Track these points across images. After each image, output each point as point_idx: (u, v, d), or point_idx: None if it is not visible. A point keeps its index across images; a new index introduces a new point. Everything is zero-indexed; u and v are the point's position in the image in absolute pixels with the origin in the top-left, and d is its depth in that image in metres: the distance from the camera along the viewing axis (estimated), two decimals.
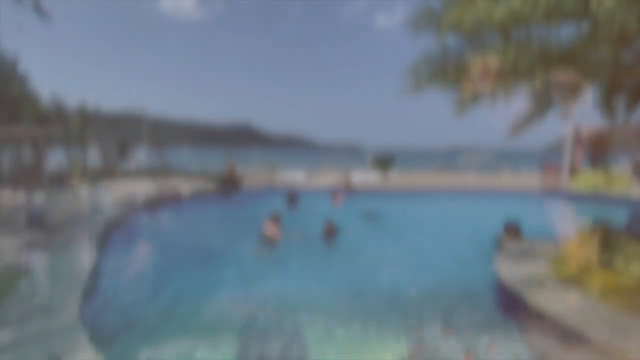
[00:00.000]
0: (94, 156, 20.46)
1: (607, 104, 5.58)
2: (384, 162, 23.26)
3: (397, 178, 19.86)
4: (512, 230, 6.74)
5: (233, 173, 18.43)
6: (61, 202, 9.84)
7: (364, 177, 19.08)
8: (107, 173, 16.06)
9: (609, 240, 4.17)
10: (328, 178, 19.14)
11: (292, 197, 11.47)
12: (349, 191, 14.29)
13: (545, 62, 3.68)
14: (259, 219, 9.62)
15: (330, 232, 6.96)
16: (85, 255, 5.01)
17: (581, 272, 4.32)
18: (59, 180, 14.46)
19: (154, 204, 10.39)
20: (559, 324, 3.36)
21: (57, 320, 3.20)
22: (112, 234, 7.27)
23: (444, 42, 3.81)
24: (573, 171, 16.32)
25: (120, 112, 16.04)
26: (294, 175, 19.10)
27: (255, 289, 4.97)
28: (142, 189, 12.76)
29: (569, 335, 3.27)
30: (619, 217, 5.95)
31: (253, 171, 28.37)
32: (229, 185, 14.27)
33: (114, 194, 11.54)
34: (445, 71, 3.90)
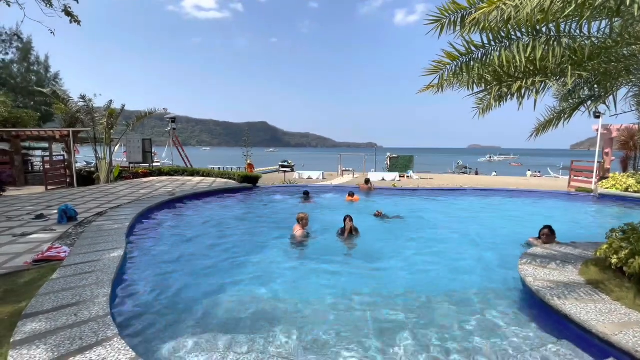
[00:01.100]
0: (119, 154, 21.29)
1: None
2: (403, 162, 23.07)
3: (416, 179, 19.60)
4: (546, 233, 6.41)
5: (252, 171, 18.73)
6: (90, 198, 10.29)
7: (382, 177, 18.95)
8: (131, 170, 16.65)
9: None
10: (344, 178, 19.14)
11: (307, 194, 12.51)
12: (368, 191, 14.20)
13: (576, 59, 3.52)
14: (278, 215, 9.80)
15: (350, 231, 6.93)
16: (114, 249, 5.21)
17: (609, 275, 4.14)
18: (87, 177, 15.13)
19: (177, 200, 10.69)
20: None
21: (88, 311, 3.34)
22: (137, 228, 7.56)
23: (468, 38, 3.70)
24: (603, 172, 15.55)
25: (144, 112, 16.45)
26: (311, 174, 19.19)
27: (272, 284, 5.04)
28: (166, 185, 13.16)
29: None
30: None
31: (272, 169, 28.76)
32: (248, 182, 14.48)
33: (140, 190, 11.96)
34: (469, 69, 3.80)
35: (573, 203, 12.79)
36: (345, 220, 7.04)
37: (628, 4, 2.40)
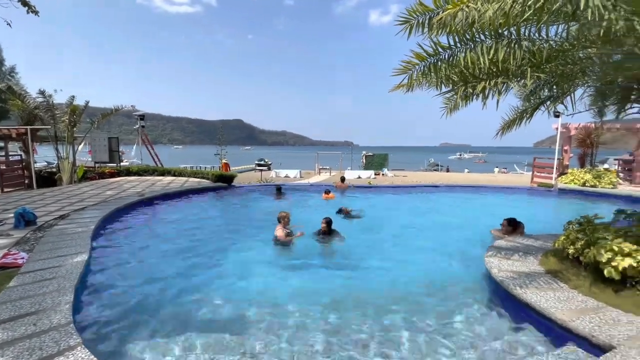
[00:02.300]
0: (84, 153, 20.16)
1: (597, 103, 5.68)
2: (378, 160, 23.48)
3: (391, 176, 20.00)
4: (509, 225, 6.87)
5: (227, 170, 18.38)
6: (51, 200, 9.68)
7: (358, 174, 19.20)
8: (97, 170, 15.84)
9: (592, 234, 4.27)
10: (321, 176, 19.23)
11: (279, 189, 13.09)
12: (343, 189, 14.32)
13: (535, 62, 3.72)
14: (254, 215, 9.69)
15: (329, 233, 6.90)
16: (77, 254, 4.94)
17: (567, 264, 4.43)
18: (48, 178, 14.23)
19: (147, 201, 10.29)
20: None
21: (48, 320, 3.16)
22: (103, 231, 7.21)
23: (436, 39, 3.82)
24: (562, 168, 16.59)
25: (111, 109, 15.63)
26: (288, 173, 19.12)
27: (246, 284, 4.98)
28: (135, 186, 12.63)
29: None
30: (607, 212, 6.07)
31: (248, 168, 28.31)
32: (223, 181, 14.19)
33: (106, 192, 11.40)
34: (437, 69, 3.92)
35: (535, 197, 13.56)
36: (323, 220, 6.98)
37: (582, 8, 2.56)
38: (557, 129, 15.88)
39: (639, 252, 3.71)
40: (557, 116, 14.98)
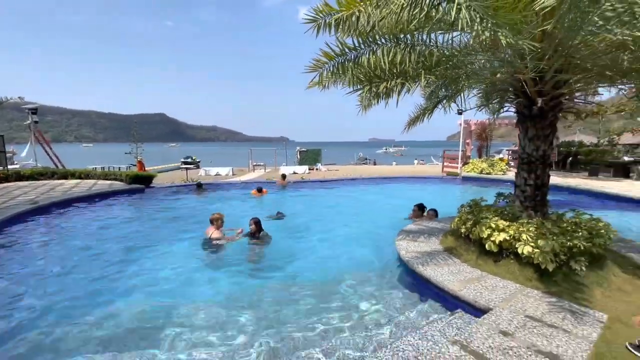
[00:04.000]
0: None
1: (483, 102, 6.61)
2: (312, 155, 23.89)
3: (324, 170, 20.57)
4: (419, 210, 7.74)
5: (143, 169, 16.86)
6: None
7: (293, 170, 19.33)
8: None
9: (479, 213, 5.01)
10: (255, 173, 18.84)
11: (200, 185, 13.43)
12: (284, 185, 14.44)
13: (428, 65, 4.19)
14: (175, 218, 9.06)
15: (257, 230, 6.71)
16: None
17: (460, 242, 5.14)
18: None
19: (43, 209, 8.90)
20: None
21: None
22: None
23: (342, 40, 4.03)
24: (465, 158, 19.01)
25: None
26: (219, 170, 18.29)
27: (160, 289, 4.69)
28: (27, 192, 10.80)
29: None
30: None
31: (172, 166, 26.28)
32: (139, 183, 12.96)
33: None
34: (345, 69, 4.15)
35: (445, 185, 15.34)
36: (251, 220, 6.75)
37: (453, 18, 2.95)
38: (460, 124, 18.10)
39: (510, 228, 4.47)
40: (460, 113, 17.01)
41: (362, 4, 3.37)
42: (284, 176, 15.16)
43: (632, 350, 2.78)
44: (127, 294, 4.65)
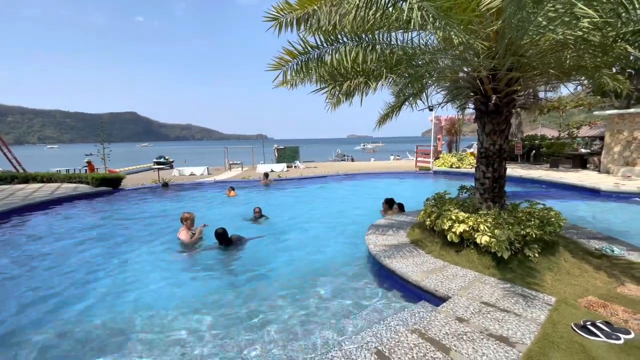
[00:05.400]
0: None
1: (447, 99, 6.84)
2: (290, 153, 23.81)
3: (302, 168, 20.56)
4: (387, 204, 7.94)
5: (93, 170, 16.42)
6: None
7: (271, 168, 19.20)
8: None
9: (442, 206, 5.22)
10: (232, 172, 18.55)
11: (165, 185, 13.65)
12: (267, 184, 14.39)
13: (389, 64, 4.29)
14: (145, 220, 8.79)
15: (227, 240, 6.36)
16: None
17: (426, 234, 5.33)
18: None
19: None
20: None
21: None
22: None
23: (303, 38, 4.06)
24: (437, 153, 19.60)
25: None
26: (193, 170, 17.88)
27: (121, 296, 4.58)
28: None
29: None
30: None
31: (143, 167, 25.39)
32: (107, 185, 12.48)
33: None
34: (309, 67, 4.19)
35: (418, 179, 15.75)
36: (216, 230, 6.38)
37: (405, 18, 3.05)
38: (431, 120, 18.61)
39: (470, 219, 4.69)
40: (431, 109, 17.48)
41: (317, 2, 3.41)
42: (266, 175, 15.13)
43: (577, 330, 3.00)
44: (92, 304, 4.48)
